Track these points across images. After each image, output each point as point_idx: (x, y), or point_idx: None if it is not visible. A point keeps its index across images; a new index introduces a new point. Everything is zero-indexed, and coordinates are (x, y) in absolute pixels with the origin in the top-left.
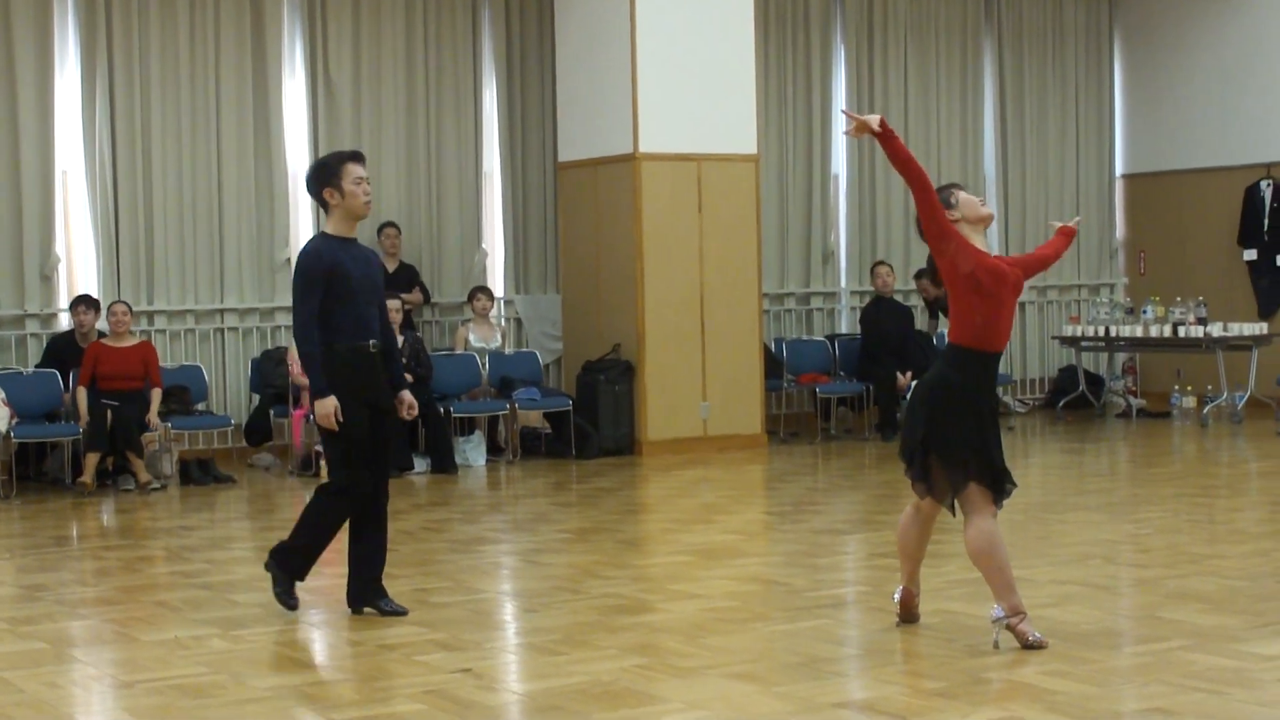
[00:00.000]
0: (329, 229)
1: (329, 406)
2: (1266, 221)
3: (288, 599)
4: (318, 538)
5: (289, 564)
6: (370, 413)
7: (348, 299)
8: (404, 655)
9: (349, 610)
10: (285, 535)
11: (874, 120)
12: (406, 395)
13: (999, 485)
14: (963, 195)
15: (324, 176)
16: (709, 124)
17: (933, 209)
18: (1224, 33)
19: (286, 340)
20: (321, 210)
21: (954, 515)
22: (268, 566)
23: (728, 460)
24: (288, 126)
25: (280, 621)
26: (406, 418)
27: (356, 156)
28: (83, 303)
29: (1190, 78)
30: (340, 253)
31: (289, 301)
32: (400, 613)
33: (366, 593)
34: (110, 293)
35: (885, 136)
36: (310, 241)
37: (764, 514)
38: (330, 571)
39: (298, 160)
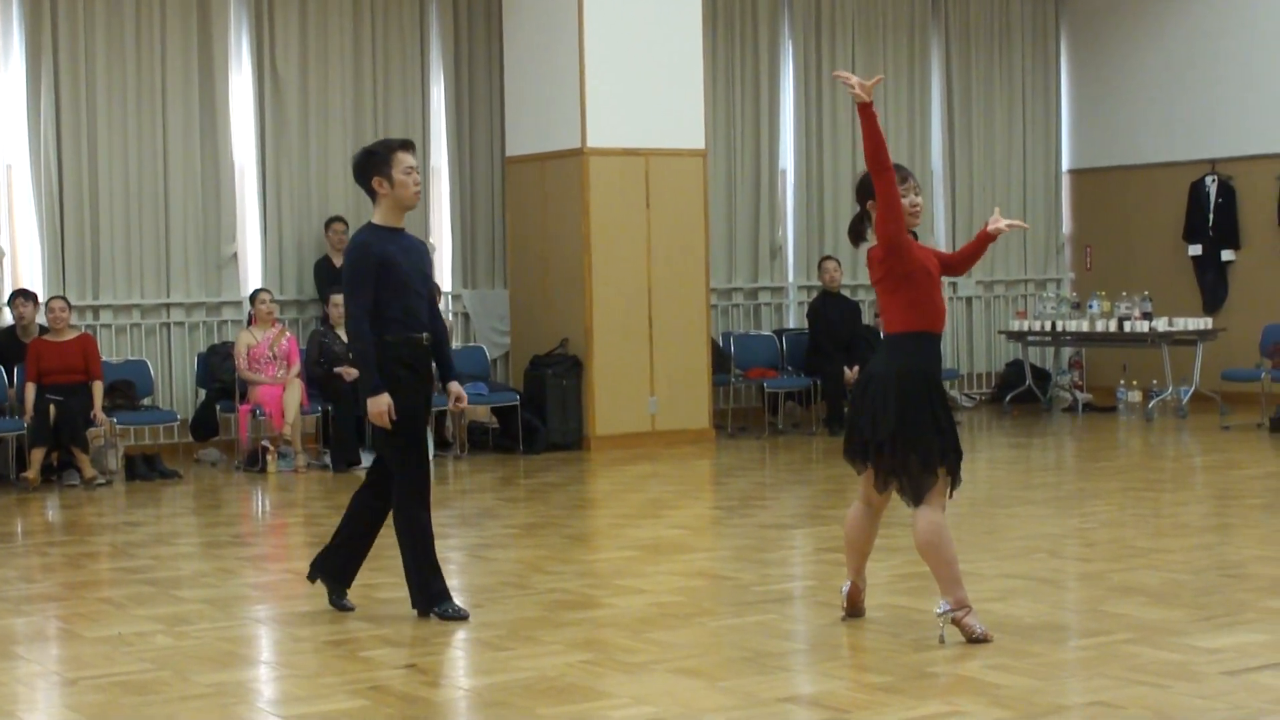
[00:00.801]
0: (376, 219)
1: (382, 404)
2: (1211, 217)
3: (458, 613)
4: (422, 549)
5: (430, 592)
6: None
7: (398, 290)
8: (349, 651)
9: (308, 578)
10: (239, 532)
11: (867, 89)
12: (455, 387)
13: (957, 472)
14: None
15: (373, 165)
16: (657, 119)
17: (898, 203)
18: (1170, 28)
19: (233, 335)
20: (369, 200)
21: (911, 507)
22: (429, 613)
23: (675, 455)
24: (234, 120)
25: (225, 618)
26: (454, 410)
27: (407, 145)
28: (20, 295)
29: (1136, 73)
30: (389, 244)
31: (236, 296)
32: (348, 608)
33: (336, 579)
34: (55, 286)
35: (869, 112)
36: (358, 233)
37: (711, 509)
38: (276, 567)
39: (244, 154)
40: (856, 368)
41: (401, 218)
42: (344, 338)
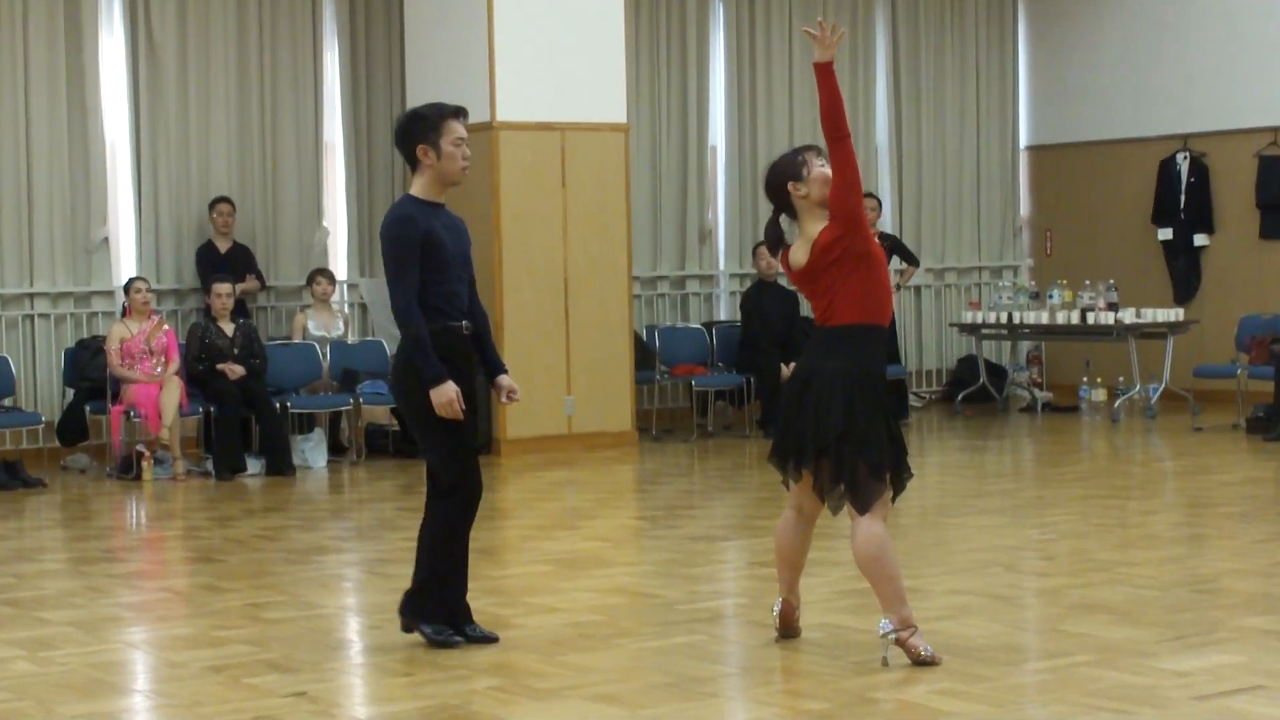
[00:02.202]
0: (416, 191)
1: (449, 393)
2: (1183, 198)
3: (448, 640)
4: (444, 557)
5: (426, 610)
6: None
7: (439, 272)
8: (232, 677)
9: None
10: (110, 547)
11: (831, 52)
12: (506, 380)
13: (903, 481)
14: (818, 167)
15: (420, 131)
16: (574, 90)
17: (858, 173)
18: None
19: (104, 328)
20: (408, 169)
21: (835, 514)
22: (407, 628)
23: (594, 460)
24: (104, 91)
25: (94, 641)
26: (505, 403)
27: (460, 113)
28: None
29: (1102, 41)
30: (433, 219)
31: (107, 285)
32: (490, 639)
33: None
34: None
35: (829, 70)
36: (397, 206)
37: (633, 519)
38: (151, 585)
39: (116, 127)
40: (794, 364)
41: (443, 193)
42: (226, 331)
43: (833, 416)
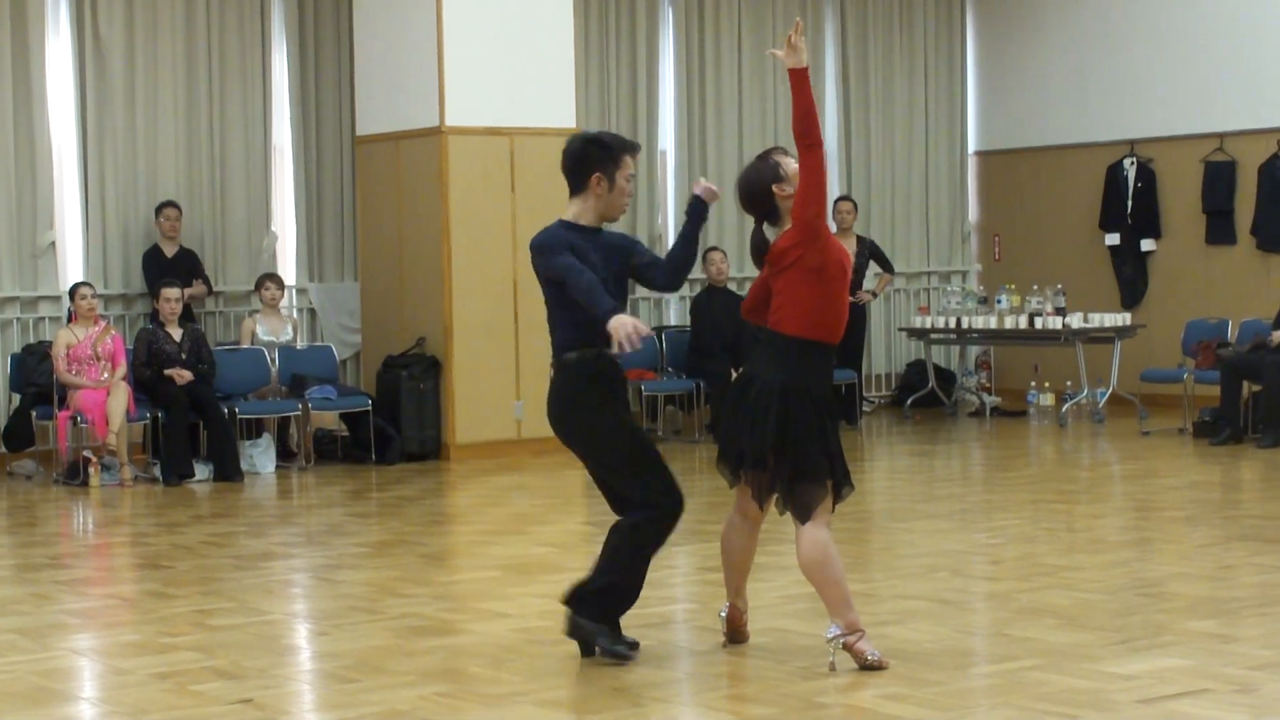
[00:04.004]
0: (572, 216)
1: (626, 324)
2: (1130, 203)
3: (624, 653)
4: (635, 567)
5: (598, 612)
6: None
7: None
8: (178, 684)
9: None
10: (57, 553)
11: (805, 57)
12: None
13: (844, 487)
14: (791, 165)
15: (599, 159)
16: (523, 94)
17: (824, 184)
18: None
19: (50, 333)
20: (571, 191)
21: (781, 514)
22: (577, 632)
23: (544, 465)
24: (51, 92)
25: (39, 649)
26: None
27: (636, 149)
28: None
29: (1049, 46)
30: (584, 240)
31: (54, 290)
32: (627, 655)
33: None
34: None
35: (803, 76)
36: (548, 232)
37: (582, 524)
38: (98, 592)
39: (62, 133)
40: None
41: (600, 223)
42: (174, 336)
43: (767, 429)
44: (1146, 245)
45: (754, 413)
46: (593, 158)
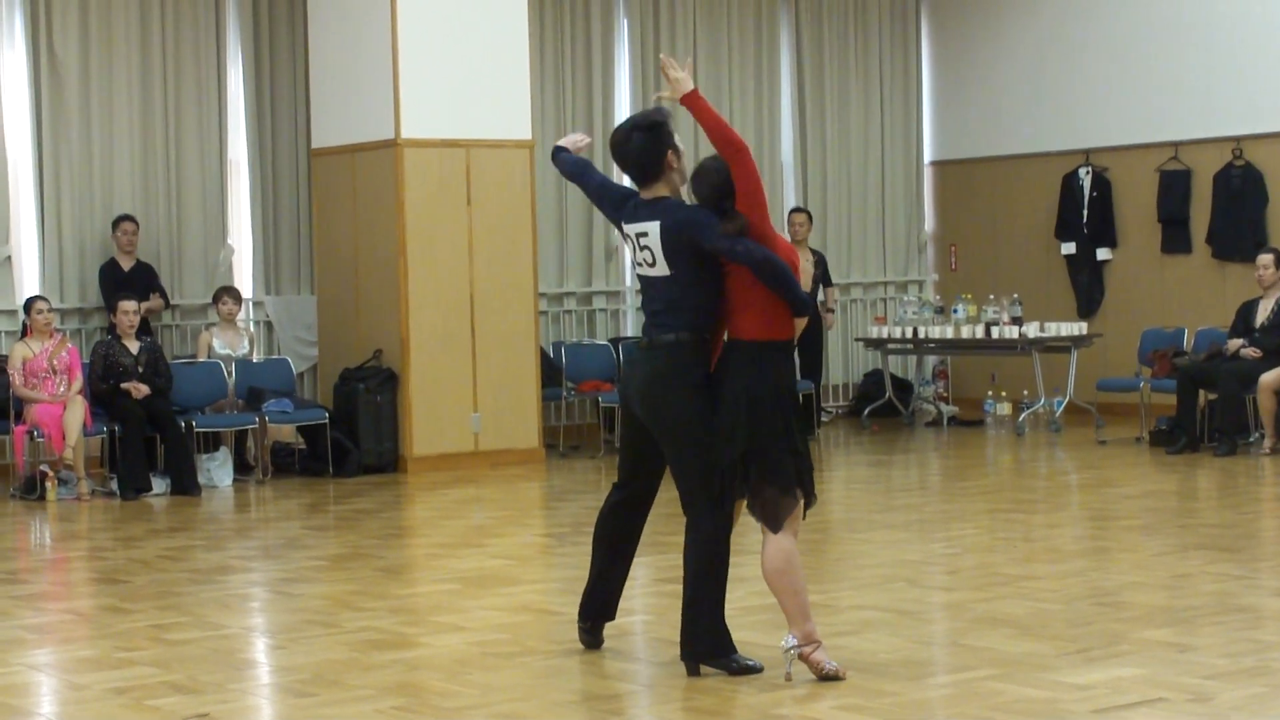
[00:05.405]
0: (672, 193)
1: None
2: (1086, 212)
3: (750, 666)
4: (717, 580)
5: (713, 641)
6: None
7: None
8: (134, 699)
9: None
10: (13, 568)
11: (687, 82)
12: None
13: (812, 492)
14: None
15: (670, 138)
16: (479, 107)
17: (760, 184)
18: (1040, 6)
19: (6, 347)
20: (651, 175)
21: (736, 521)
22: (697, 663)
23: (501, 477)
24: (6, 106)
25: None
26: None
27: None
28: None
29: (1004, 56)
30: None
31: (9, 304)
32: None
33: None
34: None
35: (696, 99)
36: (682, 207)
37: (540, 536)
38: (55, 607)
39: (17, 146)
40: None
41: None
42: (131, 349)
43: (736, 438)
44: (1102, 254)
45: (723, 420)
46: (666, 138)
